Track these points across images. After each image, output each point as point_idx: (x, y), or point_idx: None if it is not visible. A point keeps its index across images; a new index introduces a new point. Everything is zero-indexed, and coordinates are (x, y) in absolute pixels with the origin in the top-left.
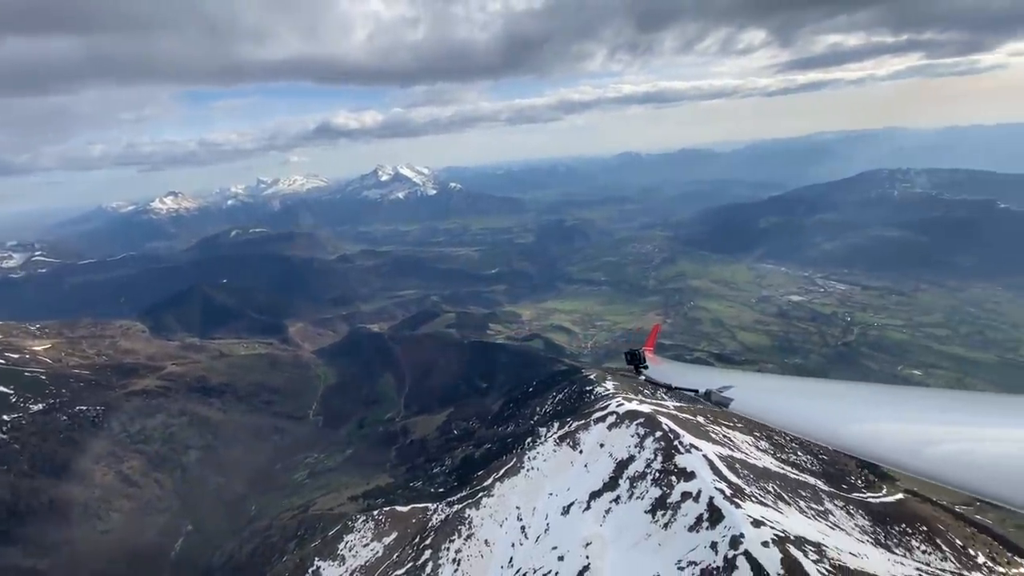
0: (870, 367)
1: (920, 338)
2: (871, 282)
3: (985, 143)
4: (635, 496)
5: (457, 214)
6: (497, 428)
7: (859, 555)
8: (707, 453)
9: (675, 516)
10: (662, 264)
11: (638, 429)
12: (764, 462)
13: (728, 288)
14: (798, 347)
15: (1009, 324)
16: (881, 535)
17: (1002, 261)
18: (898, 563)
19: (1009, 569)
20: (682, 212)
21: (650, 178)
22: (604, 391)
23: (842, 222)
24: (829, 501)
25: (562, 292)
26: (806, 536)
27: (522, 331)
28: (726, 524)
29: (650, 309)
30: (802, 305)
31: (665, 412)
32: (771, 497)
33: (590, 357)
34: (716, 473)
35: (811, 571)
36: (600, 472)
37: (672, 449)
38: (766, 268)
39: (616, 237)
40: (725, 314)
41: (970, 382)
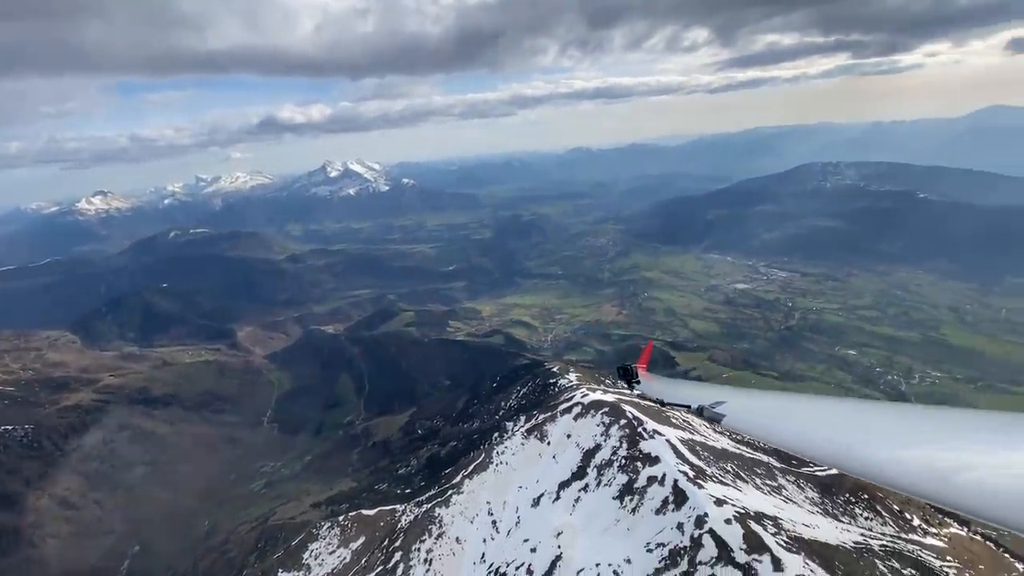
0: (810, 349)
1: (854, 320)
2: (809, 269)
3: (904, 138)
4: (603, 483)
5: (411, 210)
6: (462, 425)
7: (811, 525)
8: (669, 438)
9: (642, 500)
10: (616, 257)
11: (603, 418)
12: (722, 443)
13: (679, 278)
14: (745, 333)
15: (930, 304)
16: (828, 505)
17: (922, 247)
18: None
19: (940, 530)
20: (633, 206)
21: (601, 173)
22: (568, 383)
23: (781, 213)
24: (781, 477)
25: (521, 287)
26: (764, 511)
27: (483, 327)
28: (691, 505)
29: (606, 301)
30: (747, 292)
31: (628, 400)
32: (730, 476)
33: (551, 350)
34: (679, 456)
35: (770, 544)
36: (568, 462)
37: (636, 436)
38: (713, 258)
39: (571, 231)
40: (677, 303)
41: (898, 360)
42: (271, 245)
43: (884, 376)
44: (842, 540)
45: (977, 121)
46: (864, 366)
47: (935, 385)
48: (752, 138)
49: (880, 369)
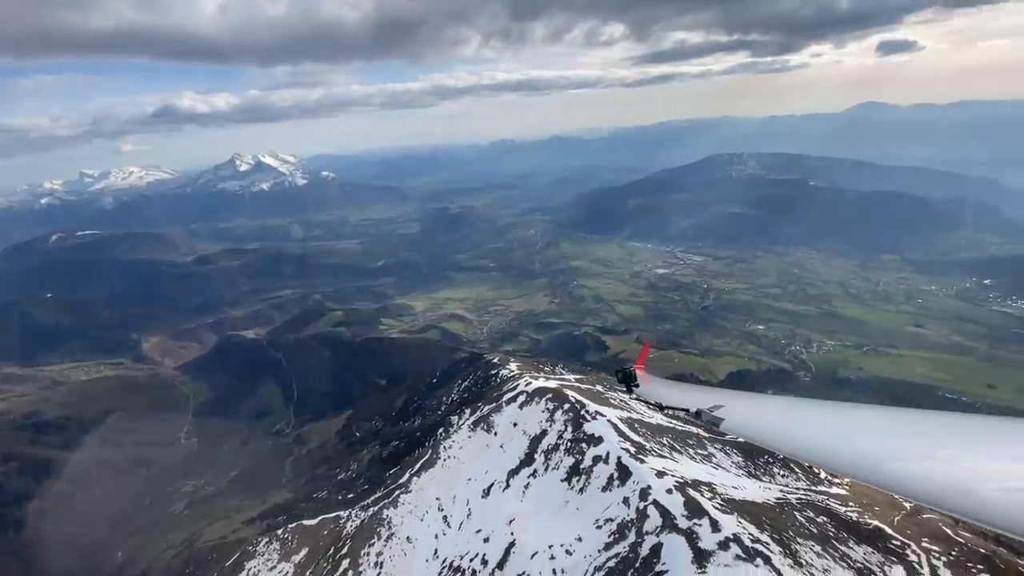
0: (725, 326)
1: (760, 298)
2: (720, 253)
3: (795, 130)
4: (551, 467)
5: (333, 205)
6: (403, 424)
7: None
8: (611, 418)
9: (589, 480)
10: (545, 247)
11: (548, 404)
12: (656, 419)
13: (605, 266)
14: (667, 314)
15: (822, 281)
16: (751, 467)
17: (814, 229)
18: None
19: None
20: (558, 197)
21: (525, 164)
22: (509, 373)
23: (694, 201)
24: (710, 445)
25: (453, 281)
26: (699, 479)
27: (417, 323)
28: (634, 479)
29: (539, 291)
30: (667, 277)
31: (569, 385)
32: (667, 449)
33: (488, 342)
34: (620, 435)
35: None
36: (516, 450)
37: (580, 419)
38: (635, 246)
39: (500, 223)
40: (604, 290)
41: (799, 332)
42: (177, 246)
43: (788, 347)
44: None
45: (854, 115)
46: (771, 339)
47: (830, 352)
48: (664, 131)
49: (784, 341)
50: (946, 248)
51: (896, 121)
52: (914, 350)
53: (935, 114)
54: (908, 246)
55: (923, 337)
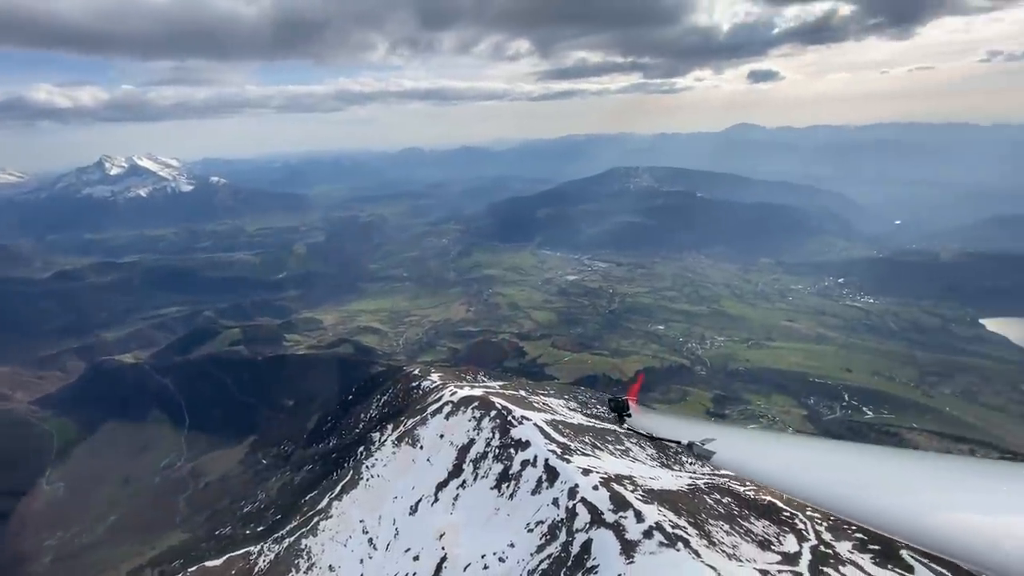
0: (630, 327)
1: (660, 300)
2: (623, 259)
3: (682, 146)
4: (480, 476)
5: (226, 213)
6: (317, 446)
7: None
8: (536, 421)
9: (518, 485)
10: (460, 256)
11: (474, 412)
12: (577, 419)
13: (518, 274)
14: (578, 319)
15: (711, 283)
16: (664, 458)
17: (703, 237)
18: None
19: None
20: (470, 206)
21: (435, 173)
22: (432, 384)
23: (598, 211)
24: (627, 440)
25: (365, 292)
26: (621, 473)
27: (326, 338)
28: (562, 479)
29: (455, 300)
30: (577, 283)
31: (495, 392)
32: (589, 447)
33: (405, 354)
34: (546, 437)
35: (632, 500)
36: (444, 462)
37: (507, 424)
38: (546, 254)
39: (412, 232)
40: (519, 297)
41: (694, 330)
42: (28, 260)
43: (686, 344)
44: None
45: (731, 134)
46: (671, 338)
47: (721, 347)
48: (567, 144)
49: (682, 339)
50: (809, 252)
51: (764, 141)
52: (789, 342)
53: (795, 135)
54: (779, 251)
55: (795, 330)
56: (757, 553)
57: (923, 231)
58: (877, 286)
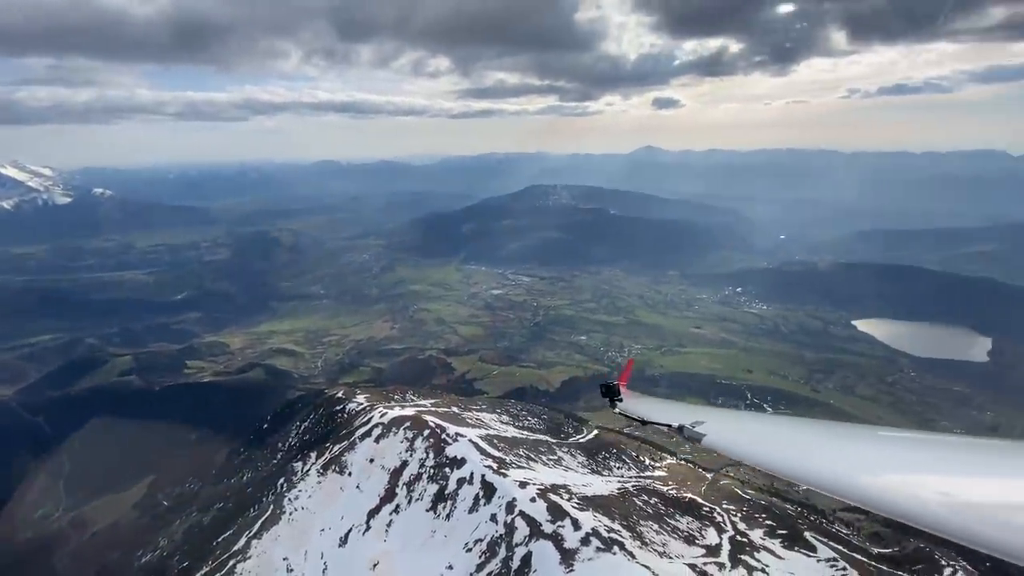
0: (554, 339)
1: (581, 312)
2: (545, 273)
3: (595, 166)
4: (414, 499)
5: (113, 228)
6: (228, 481)
7: (588, 484)
8: (471, 437)
9: (455, 504)
10: (382, 272)
11: (406, 433)
12: (511, 432)
13: (444, 289)
14: (504, 332)
15: (626, 295)
16: (594, 464)
17: (616, 251)
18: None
19: (661, 463)
20: (392, 221)
21: (354, 187)
22: (358, 406)
23: (520, 227)
24: (559, 450)
25: (278, 311)
26: (556, 483)
27: (234, 363)
28: (499, 494)
29: (377, 317)
30: (502, 297)
31: (427, 410)
32: (524, 460)
33: (325, 376)
34: (482, 453)
35: (568, 509)
36: (375, 488)
37: (442, 443)
38: (471, 268)
39: (330, 247)
40: (445, 313)
41: (613, 339)
42: None
43: (606, 353)
44: (610, 490)
45: (638, 156)
46: (593, 347)
47: (638, 355)
48: (487, 161)
49: (603, 348)
50: (710, 264)
51: (668, 163)
52: (697, 347)
53: (694, 158)
54: (685, 263)
55: (702, 336)
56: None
57: (803, 244)
58: (769, 294)
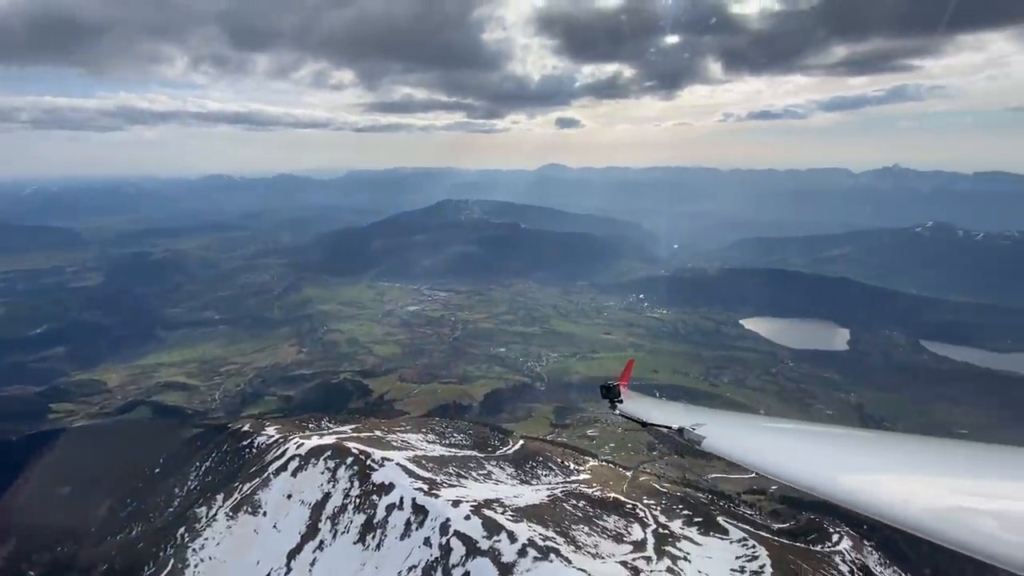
0: (474, 353)
1: (499, 324)
2: (461, 287)
3: (504, 182)
4: (340, 532)
5: None
6: (114, 538)
7: (519, 495)
8: (398, 461)
9: (385, 532)
10: (286, 293)
11: (327, 463)
12: (438, 451)
13: (356, 308)
14: (423, 349)
15: (541, 305)
16: (522, 475)
17: (529, 264)
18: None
19: (585, 466)
20: (295, 238)
21: (249, 203)
22: (269, 439)
23: (433, 242)
24: (488, 464)
25: (165, 342)
26: (489, 497)
27: (113, 402)
28: (432, 516)
29: (283, 341)
30: (418, 313)
31: (347, 437)
32: (455, 477)
33: (224, 410)
34: (411, 475)
35: (503, 522)
36: (295, 526)
37: (367, 469)
38: (384, 285)
39: (224, 268)
40: (358, 332)
41: (531, 349)
42: None
43: (525, 363)
44: (540, 498)
45: (544, 173)
46: (512, 359)
47: (556, 363)
48: (396, 176)
49: (522, 359)
50: (615, 274)
51: (571, 179)
52: (609, 352)
53: (595, 175)
54: (592, 274)
55: (612, 342)
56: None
57: (694, 253)
58: (667, 299)
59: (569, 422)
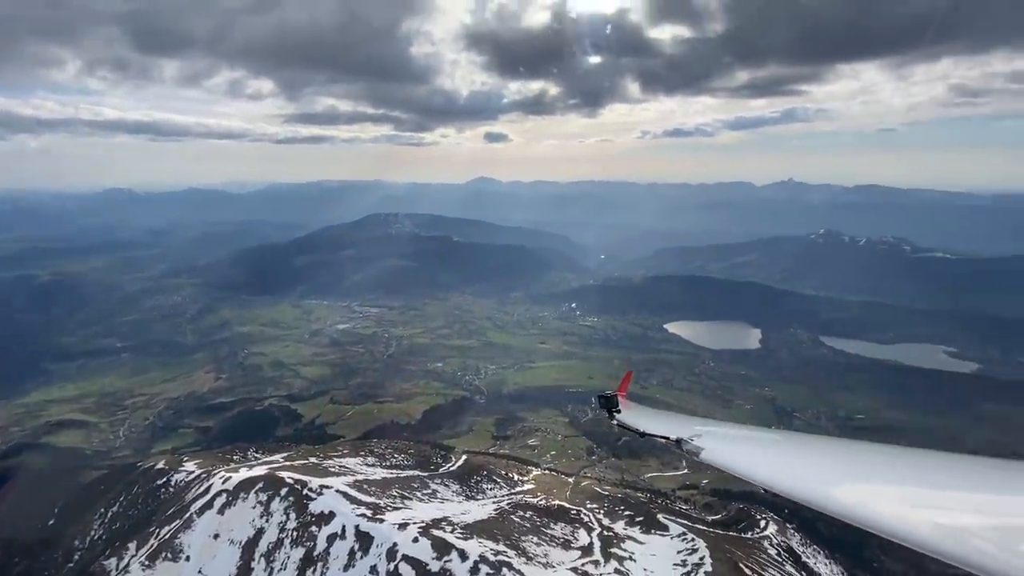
0: (411, 369)
1: (435, 339)
2: (394, 303)
3: (434, 195)
4: (277, 570)
5: None
6: None
7: (467, 512)
8: (338, 487)
9: (327, 564)
10: (200, 315)
11: (259, 496)
12: (380, 474)
13: (280, 328)
14: (356, 368)
15: (477, 318)
16: (467, 491)
17: (463, 276)
18: (484, 505)
19: (529, 476)
20: (208, 256)
21: (155, 219)
22: (188, 475)
23: (362, 257)
24: (432, 482)
25: (56, 375)
26: (436, 517)
27: None
28: (378, 542)
29: (198, 368)
30: (350, 331)
31: (280, 466)
32: (399, 499)
33: (131, 447)
34: (353, 502)
35: (452, 541)
36: (224, 568)
37: (303, 500)
38: (311, 304)
39: (127, 291)
40: (283, 354)
41: (469, 362)
42: None
43: (463, 377)
44: (488, 513)
45: (474, 186)
46: (450, 373)
47: (494, 375)
48: (320, 189)
49: (460, 372)
50: (548, 284)
51: (501, 192)
52: (545, 361)
53: (524, 188)
54: (526, 285)
55: (548, 350)
56: (563, 554)
57: (620, 262)
58: (598, 307)
59: (510, 433)
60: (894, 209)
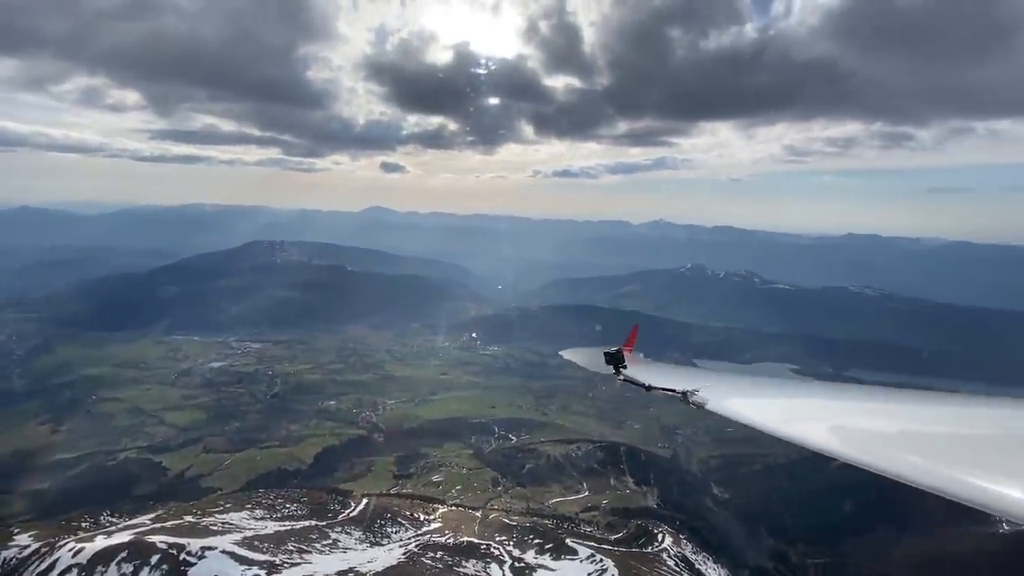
0: (299, 408)
1: (327, 374)
2: (279, 337)
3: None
4: None
5: None
6: None
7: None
8: (223, 547)
9: None
10: (31, 356)
11: (122, 568)
12: (271, 527)
13: (139, 369)
14: (234, 411)
15: (374, 351)
16: (372, 536)
17: (359, 307)
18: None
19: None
20: (46, 287)
21: None
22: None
23: (241, 287)
24: (332, 532)
25: None
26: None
27: None
28: None
29: (30, 419)
30: (226, 370)
31: (148, 529)
32: (296, 554)
33: None
34: (243, 562)
35: None
36: None
37: (182, 566)
38: (178, 340)
39: None
40: (144, 399)
41: (366, 398)
42: None
43: (360, 414)
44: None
45: (368, 215)
46: (344, 411)
47: (394, 410)
48: (193, 213)
49: (356, 410)
50: (448, 314)
51: (397, 222)
52: (447, 392)
53: (420, 219)
54: (425, 315)
55: (449, 381)
56: None
57: (516, 293)
58: (497, 336)
59: (413, 470)
60: (744, 247)
